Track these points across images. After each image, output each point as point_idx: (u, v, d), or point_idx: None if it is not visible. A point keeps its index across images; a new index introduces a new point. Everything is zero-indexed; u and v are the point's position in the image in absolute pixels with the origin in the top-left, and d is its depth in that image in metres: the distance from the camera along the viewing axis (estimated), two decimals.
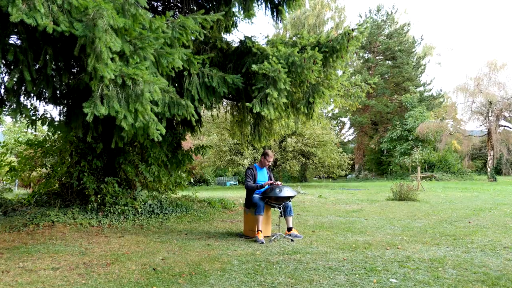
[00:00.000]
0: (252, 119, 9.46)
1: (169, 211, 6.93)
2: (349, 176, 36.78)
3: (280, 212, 5.16)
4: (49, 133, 7.58)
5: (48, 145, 7.43)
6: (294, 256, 4.20)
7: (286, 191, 5.03)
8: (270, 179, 5.54)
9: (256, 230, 5.09)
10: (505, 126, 25.85)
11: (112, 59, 3.82)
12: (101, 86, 3.62)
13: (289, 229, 5.32)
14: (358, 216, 7.65)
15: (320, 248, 4.61)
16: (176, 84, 6.21)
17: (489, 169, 24.56)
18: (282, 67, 5.83)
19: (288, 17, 33.10)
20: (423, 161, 25.46)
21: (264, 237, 5.18)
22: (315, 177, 36.84)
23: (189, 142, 22.38)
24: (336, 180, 33.40)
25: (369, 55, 35.29)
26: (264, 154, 5.42)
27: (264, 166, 5.50)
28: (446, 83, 65.85)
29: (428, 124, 25.71)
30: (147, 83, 3.78)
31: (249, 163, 18.75)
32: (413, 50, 34.23)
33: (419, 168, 14.72)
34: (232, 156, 18.53)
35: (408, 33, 34.55)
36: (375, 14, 34.91)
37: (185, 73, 5.96)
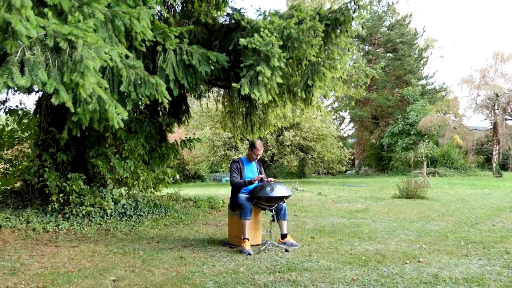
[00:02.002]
0: (244, 108, 8.49)
1: (144, 212, 5.96)
2: (349, 172, 35.83)
3: (272, 216, 4.20)
4: (9, 122, 6.60)
5: (6, 136, 6.43)
6: (288, 274, 3.23)
7: (279, 190, 4.05)
8: (260, 174, 4.56)
9: (242, 238, 4.12)
10: (510, 119, 24.90)
11: (44, 16, 2.84)
12: (21, 48, 2.62)
13: (283, 236, 4.36)
14: (364, 217, 6.69)
15: (322, 262, 3.65)
16: (149, 62, 5.22)
17: (494, 165, 23.65)
18: (276, 40, 4.85)
19: (286, 8, 31.98)
20: (427, 156, 24.49)
21: (252, 246, 4.22)
22: (314, 173, 35.89)
23: (182, 136, 21.42)
24: (335, 176, 32.51)
25: (370, 47, 34.24)
26: (251, 146, 4.45)
27: (253, 160, 4.52)
28: (448, 76, 64.57)
29: (431, 118, 24.73)
30: (88, 46, 2.79)
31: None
32: (415, 42, 33.20)
33: (425, 163, 13.78)
34: (226, 151, 17.54)
35: (409, 25, 33.50)
36: (376, 5, 33.79)
37: (159, 48, 4.97)
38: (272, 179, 4.26)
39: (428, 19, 67.12)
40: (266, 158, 18.36)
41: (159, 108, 9.68)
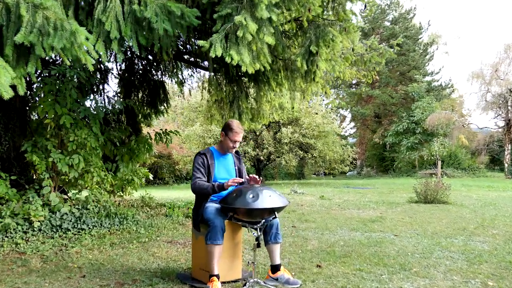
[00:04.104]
0: (231, 92, 6.97)
1: (89, 225, 4.42)
2: (349, 173, 34.25)
3: (257, 239, 2.67)
4: None
5: None
6: None
7: (268, 199, 2.53)
8: (240, 174, 3.04)
9: (210, 274, 2.60)
10: None
11: None
12: None
13: (275, 268, 2.83)
14: (382, 229, 5.18)
15: None
16: (83, 14, 3.69)
17: (506, 165, 22.16)
18: None
19: None
20: (441, 155, 22.77)
21: (226, 283, 2.70)
22: (313, 174, 34.29)
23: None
24: (336, 177, 31.00)
25: None
26: (226, 128, 2.91)
27: (228, 151, 2.99)
28: (453, 74, 62.71)
29: (439, 116, 23.18)
30: None
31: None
32: (420, 37, 31.73)
33: (439, 163, 12.28)
34: None
35: (414, 19, 32.05)
36: None
37: None
38: (257, 177, 2.74)
39: (431, 14, 65.65)
40: (262, 157, 16.78)
41: (135, 98, 8.23)
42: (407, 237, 4.67)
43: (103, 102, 7.23)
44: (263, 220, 2.64)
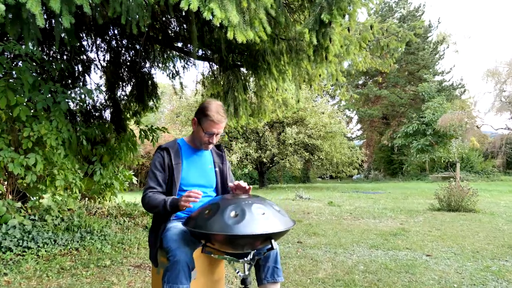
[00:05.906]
0: (226, 83, 6.04)
1: (39, 242, 3.49)
2: (356, 176, 33.14)
3: (244, 281, 1.71)
4: None
5: None
6: None
7: (259, 219, 1.56)
8: (223, 178, 2.08)
9: None
10: None
11: None
12: None
13: None
14: (409, 245, 4.20)
15: None
16: None
17: None
18: None
19: None
20: (452, 157, 21.64)
21: None
22: (319, 177, 33.21)
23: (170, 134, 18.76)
24: (343, 180, 29.94)
25: None
26: (200, 112, 1.94)
27: (203, 146, 1.99)
28: (464, 74, 61.36)
29: (452, 116, 22.06)
30: None
31: (238, 158, 14.46)
32: (429, 35, 30.65)
33: (458, 165, 11.21)
34: None
35: (422, 16, 30.97)
36: None
37: None
38: (246, 184, 1.79)
39: (440, 13, 64.40)
40: (265, 160, 15.80)
41: (122, 92, 7.38)
42: (443, 257, 3.69)
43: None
44: (253, 252, 1.70)
